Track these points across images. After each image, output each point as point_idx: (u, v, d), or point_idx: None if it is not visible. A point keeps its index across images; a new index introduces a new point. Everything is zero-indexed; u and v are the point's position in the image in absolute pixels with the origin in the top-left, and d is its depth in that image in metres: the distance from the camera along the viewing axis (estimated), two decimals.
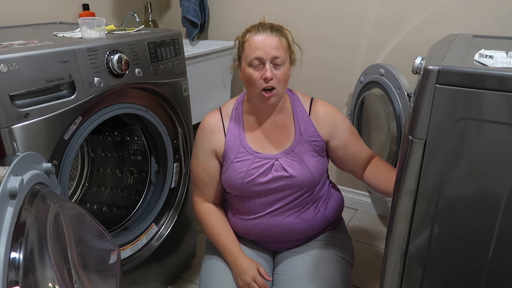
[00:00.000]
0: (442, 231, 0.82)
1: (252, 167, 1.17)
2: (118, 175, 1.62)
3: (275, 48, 1.08)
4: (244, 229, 1.25)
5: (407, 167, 0.80)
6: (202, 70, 1.88)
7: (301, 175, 1.17)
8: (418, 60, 0.86)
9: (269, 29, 1.10)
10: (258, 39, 1.09)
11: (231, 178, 1.18)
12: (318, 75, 1.99)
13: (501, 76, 0.68)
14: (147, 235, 1.45)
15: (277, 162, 1.17)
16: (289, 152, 1.18)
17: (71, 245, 0.84)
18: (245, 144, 1.19)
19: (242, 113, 1.22)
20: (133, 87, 1.26)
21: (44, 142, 1.02)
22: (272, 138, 1.20)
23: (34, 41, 1.12)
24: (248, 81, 1.12)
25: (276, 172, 1.16)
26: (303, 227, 1.22)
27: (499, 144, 0.72)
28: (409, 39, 1.73)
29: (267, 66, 1.08)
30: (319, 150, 1.21)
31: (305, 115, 1.21)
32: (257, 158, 1.17)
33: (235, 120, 1.22)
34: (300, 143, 1.19)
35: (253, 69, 1.10)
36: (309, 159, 1.19)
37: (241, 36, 1.14)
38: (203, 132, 1.23)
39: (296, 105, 1.22)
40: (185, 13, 2.07)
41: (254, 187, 1.17)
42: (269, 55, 1.08)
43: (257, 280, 1.14)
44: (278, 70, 1.10)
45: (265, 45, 1.08)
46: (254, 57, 1.08)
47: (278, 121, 1.21)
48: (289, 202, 1.19)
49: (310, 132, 1.20)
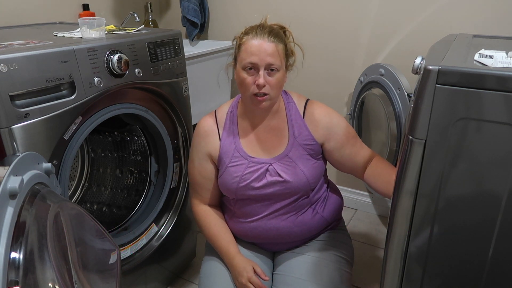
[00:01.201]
0: (442, 231, 0.82)
1: (247, 171, 1.16)
2: (118, 175, 1.62)
3: (270, 55, 1.06)
4: (242, 232, 1.25)
5: (407, 167, 0.80)
6: (202, 70, 1.88)
7: (295, 180, 1.16)
8: (418, 60, 0.86)
9: (267, 34, 1.08)
10: (254, 44, 1.07)
11: (227, 182, 1.18)
12: (318, 75, 1.99)
13: (501, 76, 0.68)
14: (147, 235, 1.45)
15: (271, 167, 1.16)
16: (283, 157, 1.17)
17: (71, 245, 0.84)
18: (239, 149, 1.18)
19: (237, 117, 1.21)
20: (133, 87, 1.26)
21: (44, 142, 1.02)
22: (266, 142, 1.19)
23: (34, 41, 1.12)
24: (241, 84, 1.11)
25: (270, 177, 1.16)
26: (301, 230, 1.22)
27: (499, 144, 0.72)
28: (409, 39, 1.73)
29: (261, 73, 1.07)
30: (314, 154, 1.20)
31: (299, 118, 1.19)
32: (252, 162, 1.17)
33: (230, 124, 1.21)
34: (294, 147, 1.18)
35: (247, 73, 1.09)
36: (304, 163, 1.17)
37: (239, 37, 1.13)
38: (198, 135, 1.23)
39: (290, 108, 1.20)
40: (185, 13, 2.07)
41: (249, 191, 1.17)
42: (264, 62, 1.06)
43: (252, 281, 1.13)
44: (272, 76, 1.08)
45: (260, 51, 1.06)
46: (248, 62, 1.07)
47: (272, 125, 1.20)
48: (286, 206, 1.19)
49: (304, 136, 1.18)
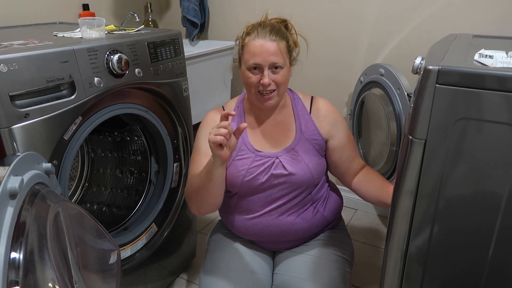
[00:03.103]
0: (442, 231, 0.82)
1: (253, 165, 1.17)
2: (118, 175, 1.62)
3: (273, 54, 1.08)
4: (243, 229, 1.25)
5: (407, 167, 0.80)
6: (202, 70, 1.88)
7: (300, 173, 1.17)
8: (418, 60, 0.86)
9: (269, 33, 1.10)
10: (257, 45, 1.09)
11: (232, 175, 1.18)
12: (318, 75, 1.99)
13: (501, 76, 0.69)
14: (147, 235, 1.45)
15: (277, 160, 1.17)
16: (290, 150, 1.19)
17: (71, 245, 0.84)
18: (246, 142, 1.19)
19: (244, 112, 1.23)
20: (133, 87, 1.26)
21: (44, 142, 1.02)
22: (273, 136, 1.21)
23: (34, 41, 1.12)
24: (247, 83, 1.14)
25: (275, 170, 1.17)
26: (301, 227, 1.22)
27: (499, 144, 0.72)
28: (409, 39, 1.73)
29: (265, 73, 1.09)
30: (319, 149, 1.22)
31: (305, 113, 1.22)
32: (258, 156, 1.18)
33: (237, 118, 1.23)
34: (301, 141, 1.19)
35: (252, 73, 1.11)
36: (310, 158, 1.19)
37: (241, 38, 1.15)
38: (207, 124, 1.22)
39: (296, 103, 1.23)
40: (185, 13, 2.07)
41: (254, 185, 1.18)
42: (267, 62, 1.09)
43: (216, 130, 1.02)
44: (277, 74, 1.11)
45: (263, 51, 1.08)
46: (252, 63, 1.10)
47: (279, 119, 1.22)
48: (288, 202, 1.19)
49: (311, 130, 1.21)
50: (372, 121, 1.81)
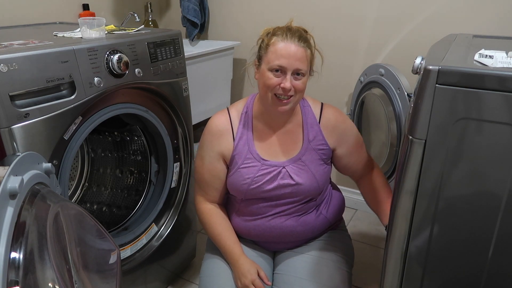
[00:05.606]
0: (442, 231, 0.82)
1: (259, 174, 1.16)
2: (118, 175, 1.62)
3: (299, 60, 1.05)
4: (245, 229, 1.25)
5: (407, 167, 0.80)
6: (202, 70, 1.88)
7: (307, 184, 1.16)
8: (418, 60, 0.86)
9: (298, 38, 1.06)
10: (285, 47, 1.05)
11: (237, 183, 1.18)
12: (318, 74, 1.99)
13: (501, 76, 0.69)
14: (147, 235, 1.45)
15: (284, 170, 1.16)
16: (297, 160, 1.17)
17: (71, 245, 0.84)
18: (253, 151, 1.18)
19: (252, 118, 1.20)
20: (133, 87, 1.26)
21: (44, 142, 1.02)
22: (280, 145, 1.19)
23: (34, 41, 1.12)
24: (265, 84, 1.09)
25: (282, 180, 1.16)
26: (304, 230, 1.22)
27: (499, 144, 0.72)
28: (409, 39, 1.73)
29: (288, 77, 1.06)
30: (325, 158, 1.21)
31: (314, 123, 1.19)
32: (264, 165, 1.16)
33: (244, 125, 1.19)
34: (308, 151, 1.18)
35: (273, 75, 1.07)
36: (316, 167, 1.18)
37: (266, 37, 1.10)
38: (211, 133, 1.20)
39: (306, 112, 1.20)
40: (185, 13, 2.07)
41: (259, 193, 1.17)
42: (292, 66, 1.05)
43: (255, 284, 1.13)
44: (298, 80, 1.08)
45: (290, 55, 1.05)
46: (277, 65, 1.05)
47: (287, 128, 1.19)
48: (292, 207, 1.19)
49: (318, 140, 1.19)
50: (372, 121, 1.81)
